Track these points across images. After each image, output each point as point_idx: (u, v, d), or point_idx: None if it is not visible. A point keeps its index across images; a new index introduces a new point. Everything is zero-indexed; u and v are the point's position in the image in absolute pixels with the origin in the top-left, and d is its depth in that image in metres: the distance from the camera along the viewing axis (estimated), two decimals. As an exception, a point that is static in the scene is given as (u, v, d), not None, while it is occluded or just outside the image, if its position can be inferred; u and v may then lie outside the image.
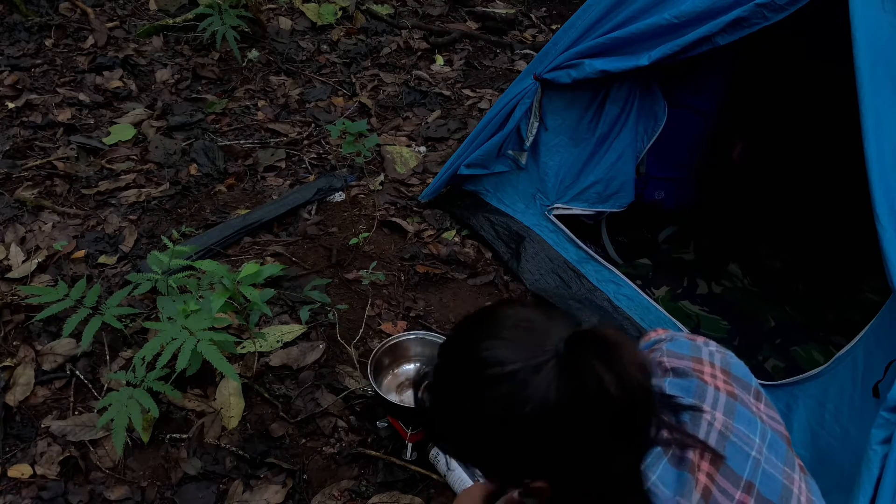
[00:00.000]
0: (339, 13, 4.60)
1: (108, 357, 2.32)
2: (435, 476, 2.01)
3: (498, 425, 0.92)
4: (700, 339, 1.15)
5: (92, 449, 2.07)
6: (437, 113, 3.81)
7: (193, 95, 3.75)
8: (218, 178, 3.20)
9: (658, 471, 0.96)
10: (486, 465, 1.02)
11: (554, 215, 2.69)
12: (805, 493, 1.03)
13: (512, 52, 4.53)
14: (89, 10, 4.27)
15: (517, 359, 0.89)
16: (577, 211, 2.68)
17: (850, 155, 1.78)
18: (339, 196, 3.10)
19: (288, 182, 3.21)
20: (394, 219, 2.98)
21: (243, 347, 2.35)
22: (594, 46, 2.28)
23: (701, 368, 1.08)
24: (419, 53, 4.41)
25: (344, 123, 2.77)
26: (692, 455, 0.97)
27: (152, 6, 4.48)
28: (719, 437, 1.00)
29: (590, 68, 2.30)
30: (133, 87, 3.76)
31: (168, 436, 2.11)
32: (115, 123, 3.46)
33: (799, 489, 1.02)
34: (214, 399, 2.20)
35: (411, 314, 2.60)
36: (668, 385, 1.06)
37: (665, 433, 0.95)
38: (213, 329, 1.96)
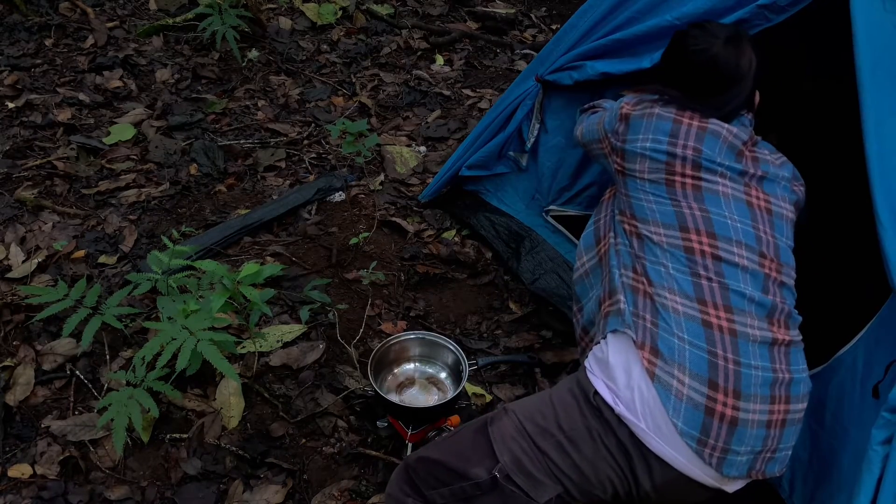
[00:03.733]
0: (339, 13, 4.59)
1: (108, 357, 2.32)
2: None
3: (682, 56, 1.72)
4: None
5: (92, 449, 2.07)
6: (437, 113, 3.81)
7: (193, 95, 3.75)
8: (218, 178, 3.20)
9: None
10: (662, 72, 1.79)
11: (551, 216, 2.69)
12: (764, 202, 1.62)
13: (512, 52, 4.53)
14: (89, 9, 4.27)
15: (711, 28, 1.70)
16: (572, 213, 2.68)
17: (848, 158, 1.78)
18: (339, 196, 3.10)
19: (288, 182, 3.21)
20: (394, 219, 2.98)
21: (243, 347, 2.35)
22: (596, 48, 2.27)
23: (681, 119, 1.64)
24: (419, 53, 4.41)
25: (344, 123, 2.77)
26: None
27: (152, 6, 4.48)
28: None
29: (591, 70, 2.29)
30: (133, 86, 3.76)
31: (168, 436, 2.11)
32: (115, 123, 3.46)
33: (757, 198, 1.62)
34: (214, 399, 2.20)
35: (411, 314, 2.60)
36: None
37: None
38: (213, 329, 1.96)
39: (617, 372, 1.50)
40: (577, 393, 1.54)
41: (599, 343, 1.60)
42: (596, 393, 1.50)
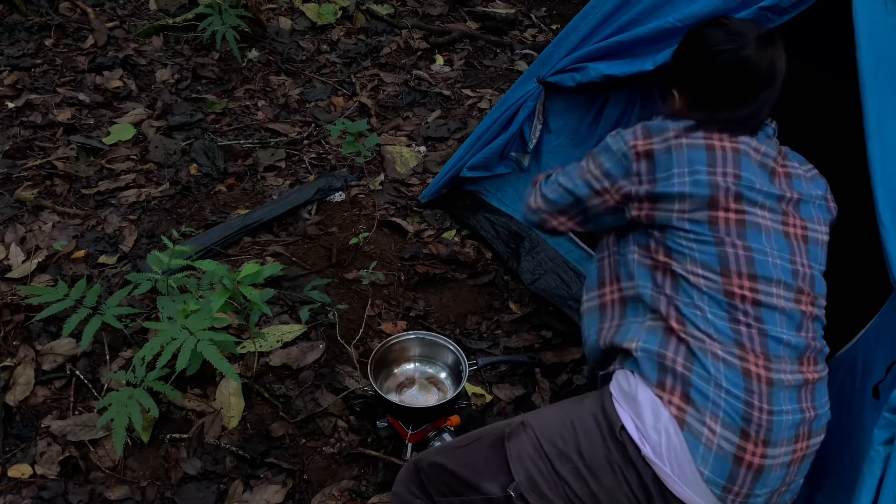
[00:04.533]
0: (339, 13, 4.59)
1: (108, 357, 2.32)
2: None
3: (687, 46, 1.63)
4: None
5: (92, 449, 2.07)
6: (437, 113, 3.81)
7: (193, 95, 3.75)
8: (218, 178, 3.19)
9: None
10: (678, 77, 1.67)
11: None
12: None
13: (512, 52, 4.53)
14: (89, 10, 4.26)
15: (733, 26, 1.56)
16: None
17: (850, 159, 1.78)
18: (339, 196, 3.10)
19: (288, 182, 3.21)
20: (394, 219, 2.98)
21: (243, 347, 2.35)
22: (598, 50, 2.27)
23: (712, 142, 1.52)
24: (419, 53, 4.41)
25: (344, 123, 2.77)
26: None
27: (152, 6, 4.48)
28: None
29: (594, 72, 2.29)
30: (133, 87, 3.76)
31: (168, 436, 2.11)
32: (115, 123, 3.46)
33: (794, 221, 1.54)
34: (214, 399, 2.20)
35: (411, 314, 2.60)
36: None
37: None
38: (213, 329, 1.96)
39: (645, 411, 1.43)
40: (602, 421, 1.47)
41: (625, 372, 1.51)
42: (623, 428, 1.44)
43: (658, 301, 1.50)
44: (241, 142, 3.44)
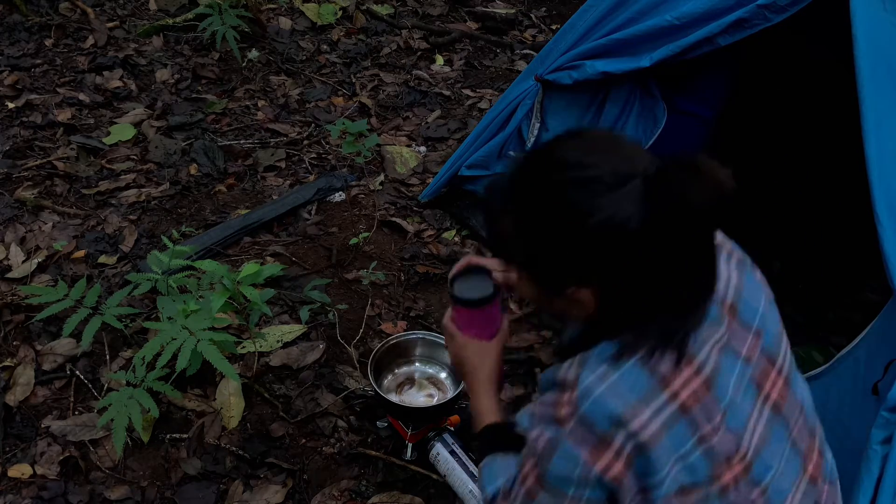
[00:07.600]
0: (339, 13, 4.59)
1: (108, 357, 2.32)
2: (435, 476, 2.01)
3: (563, 229, 0.95)
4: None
5: (92, 449, 2.07)
6: (437, 113, 3.81)
7: (193, 95, 3.75)
8: (218, 178, 3.19)
9: None
10: (537, 269, 1.06)
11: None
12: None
13: (512, 52, 4.52)
14: (89, 10, 4.26)
15: (602, 166, 0.91)
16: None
17: (850, 154, 1.78)
18: (339, 196, 3.10)
19: (288, 182, 3.21)
20: (394, 219, 2.98)
21: (243, 347, 2.35)
22: (595, 48, 2.28)
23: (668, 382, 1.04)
24: (419, 53, 4.40)
25: (344, 123, 2.77)
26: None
27: (152, 6, 4.48)
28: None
29: (591, 70, 2.30)
30: (133, 87, 3.76)
31: (168, 436, 2.11)
32: (115, 123, 3.46)
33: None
34: (214, 399, 2.20)
35: (411, 314, 2.60)
36: None
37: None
38: (213, 329, 1.96)
39: None
40: None
41: None
42: None
43: None
44: (241, 142, 3.44)
